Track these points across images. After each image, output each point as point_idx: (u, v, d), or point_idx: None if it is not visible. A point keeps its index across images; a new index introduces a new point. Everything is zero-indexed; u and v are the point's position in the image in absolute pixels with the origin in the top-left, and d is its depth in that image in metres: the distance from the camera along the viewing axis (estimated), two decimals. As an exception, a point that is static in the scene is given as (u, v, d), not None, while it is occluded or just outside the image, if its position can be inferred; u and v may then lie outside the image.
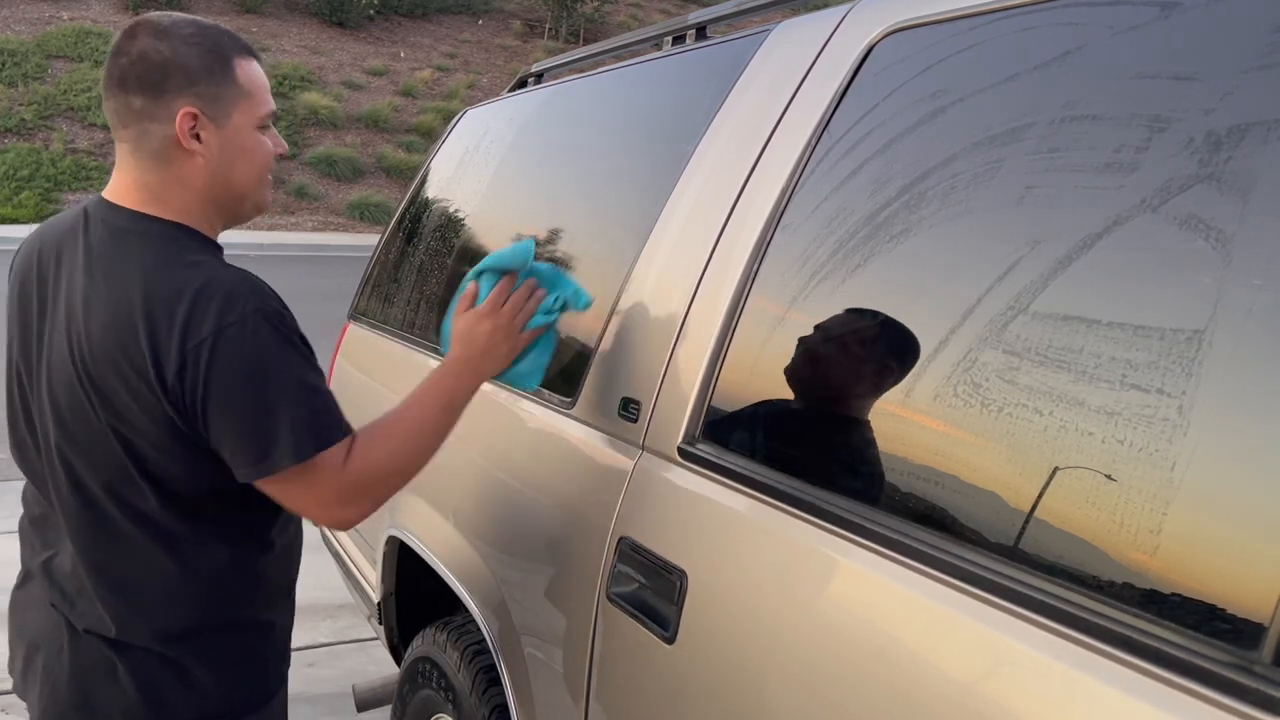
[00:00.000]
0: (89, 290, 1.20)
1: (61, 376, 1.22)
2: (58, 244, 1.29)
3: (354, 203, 14.57)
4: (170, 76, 1.21)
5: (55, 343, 1.23)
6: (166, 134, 1.22)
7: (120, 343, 1.16)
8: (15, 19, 15.99)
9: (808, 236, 1.19)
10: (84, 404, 1.20)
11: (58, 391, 1.22)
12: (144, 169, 1.24)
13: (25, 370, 1.30)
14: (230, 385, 1.15)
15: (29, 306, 1.30)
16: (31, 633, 1.34)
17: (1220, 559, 0.71)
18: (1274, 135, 0.76)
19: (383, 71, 17.62)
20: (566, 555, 1.46)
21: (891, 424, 1.00)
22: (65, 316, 1.22)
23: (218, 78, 1.24)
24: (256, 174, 1.31)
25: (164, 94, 1.21)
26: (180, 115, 1.21)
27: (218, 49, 1.25)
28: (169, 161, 1.24)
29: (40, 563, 1.33)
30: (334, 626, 3.47)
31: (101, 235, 1.24)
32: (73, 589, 1.28)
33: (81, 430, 1.22)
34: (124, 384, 1.16)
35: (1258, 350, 0.73)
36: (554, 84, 2.22)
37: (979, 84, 1.07)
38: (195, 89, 1.22)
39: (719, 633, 1.12)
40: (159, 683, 1.27)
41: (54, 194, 13.20)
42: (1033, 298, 0.89)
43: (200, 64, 1.23)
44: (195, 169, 1.25)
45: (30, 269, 1.32)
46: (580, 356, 1.55)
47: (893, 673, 0.91)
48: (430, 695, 1.96)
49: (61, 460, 1.24)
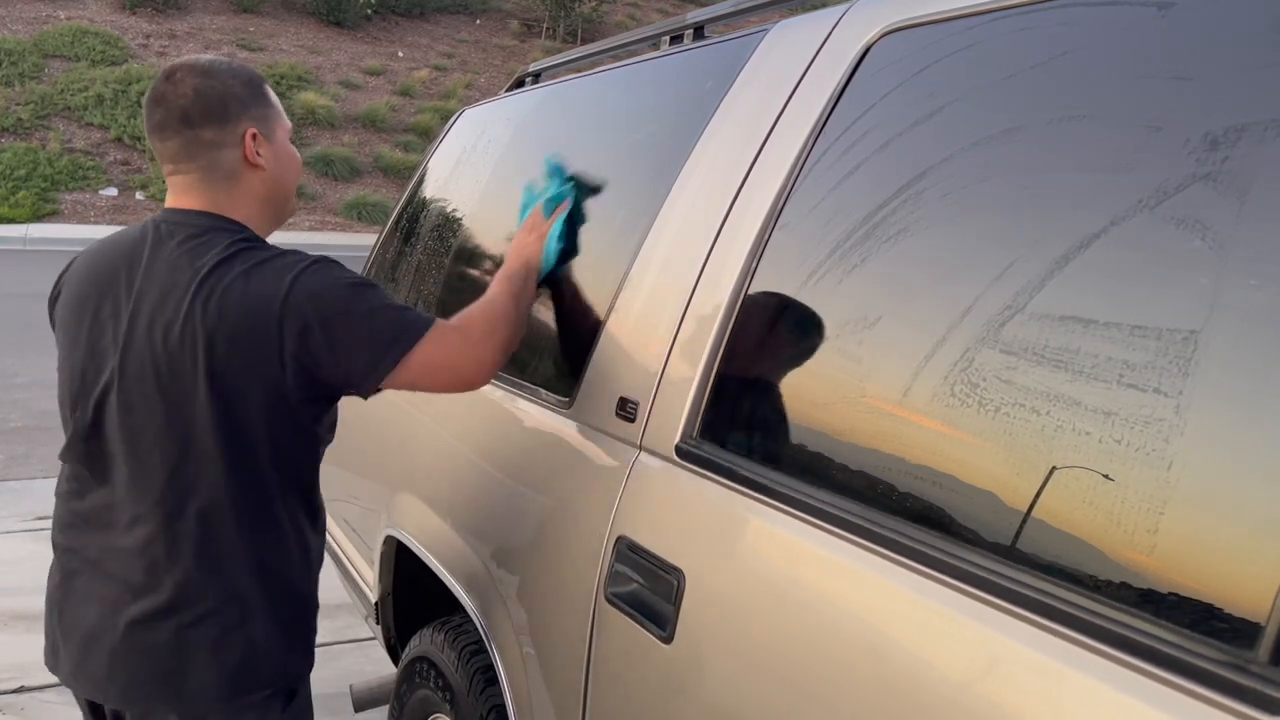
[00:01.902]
0: (187, 288, 1.31)
1: (151, 369, 1.32)
2: (131, 253, 1.40)
3: (351, 202, 14.55)
4: (229, 106, 1.40)
5: (139, 338, 1.33)
6: (236, 155, 1.41)
7: (242, 329, 1.29)
8: (12, 18, 15.96)
9: (805, 236, 1.20)
10: (173, 393, 1.32)
11: (146, 381, 1.33)
12: (215, 190, 1.41)
13: (94, 369, 1.38)
14: (337, 300, 1.32)
15: (99, 312, 1.39)
16: (87, 625, 1.40)
17: (1217, 558, 0.72)
18: (1271, 135, 0.76)
19: (380, 71, 17.62)
20: (564, 555, 1.46)
21: (889, 423, 1.01)
22: (145, 312, 1.33)
23: (261, 101, 1.45)
24: (296, 176, 1.53)
25: (229, 122, 1.40)
26: (246, 136, 1.41)
27: (252, 79, 1.46)
28: (239, 179, 1.42)
29: (93, 555, 1.40)
30: (331, 626, 3.47)
31: (184, 239, 1.37)
32: (141, 571, 1.36)
33: (166, 419, 1.32)
34: (241, 356, 1.30)
35: (1254, 350, 0.73)
36: (552, 84, 2.22)
37: (976, 84, 1.07)
38: (250, 113, 1.43)
39: (717, 632, 1.12)
40: (241, 646, 1.38)
41: (51, 194, 13.18)
42: (1030, 297, 0.89)
43: (246, 92, 1.43)
44: (261, 180, 1.44)
45: (90, 283, 1.42)
46: (578, 356, 1.55)
47: (890, 672, 0.91)
48: (428, 695, 1.96)
49: (143, 452, 1.34)
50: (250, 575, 1.38)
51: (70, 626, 1.42)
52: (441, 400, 2.03)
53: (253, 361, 1.30)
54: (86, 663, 1.40)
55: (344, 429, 2.59)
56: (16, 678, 2.99)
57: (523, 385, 1.70)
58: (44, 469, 4.77)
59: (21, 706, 2.84)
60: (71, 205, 13.16)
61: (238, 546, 1.37)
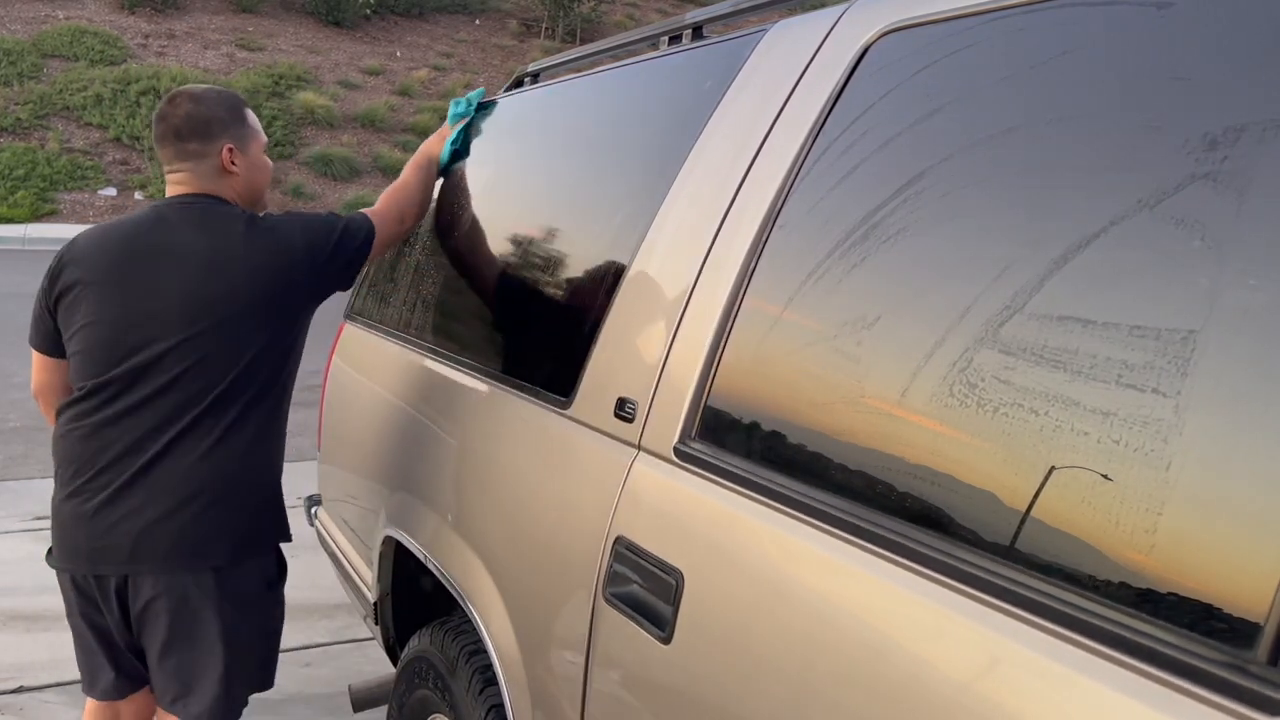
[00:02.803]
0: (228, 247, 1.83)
1: (201, 311, 1.78)
2: (148, 231, 1.86)
3: (350, 202, 14.54)
4: (213, 126, 1.90)
5: (194, 289, 1.78)
6: (216, 164, 1.92)
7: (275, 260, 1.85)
8: (11, 18, 15.95)
9: (804, 236, 1.20)
10: (225, 322, 1.79)
11: (192, 324, 1.78)
12: (204, 182, 1.91)
13: (142, 321, 1.79)
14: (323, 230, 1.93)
15: (132, 273, 1.81)
16: (146, 518, 1.79)
17: (1215, 559, 0.71)
18: (1270, 136, 0.77)
19: (379, 71, 17.60)
20: (563, 555, 1.46)
21: (888, 424, 1.00)
22: (192, 269, 1.79)
23: (239, 123, 1.96)
24: (267, 181, 2.06)
25: (211, 139, 1.90)
26: (223, 151, 1.91)
27: (235, 105, 1.97)
28: (218, 179, 1.93)
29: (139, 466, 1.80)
30: (330, 626, 3.47)
31: (201, 216, 1.87)
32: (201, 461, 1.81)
33: (214, 345, 1.79)
34: (275, 282, 1.84)
35: (1253, 350, 0.73)
36: (550, 84, 2.22)
37: (975, 84, 1.07)
38: (229, 133, 1.93)
39: (716, 633, 1.12)
40: (255, 517, 1.91)
41: (49, 194, 13.17)
42: (1028, 297, 0.89)
43: (229, 116, 1.94)
44: (235, 182, 1.95)
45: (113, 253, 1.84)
46: (576, 356, 1.55)
47: (889, 672, 0.91)
48: (426, 695, 1.96)
49: (191, 374, 1.78)
50: (265, 462, 1.91)
51: (123, 523, 1.79)
52: (441, 400, 2.03)
53: (289, 282, 1.85)
54: (143, 546, 1.79)
55: (343, 429, 2.59)
56: (16, 678, 2.99)
57: (521, 385, 1.70)
58: (42, 469, 4.76)
59: (21, 706, 2.84)
60: (70, 205, 13.14)
61: (259, 443, 1.88)
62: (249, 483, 1.88)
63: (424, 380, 2.12)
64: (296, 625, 3.45)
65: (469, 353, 1.96)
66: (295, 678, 3.06)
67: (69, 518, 1.83)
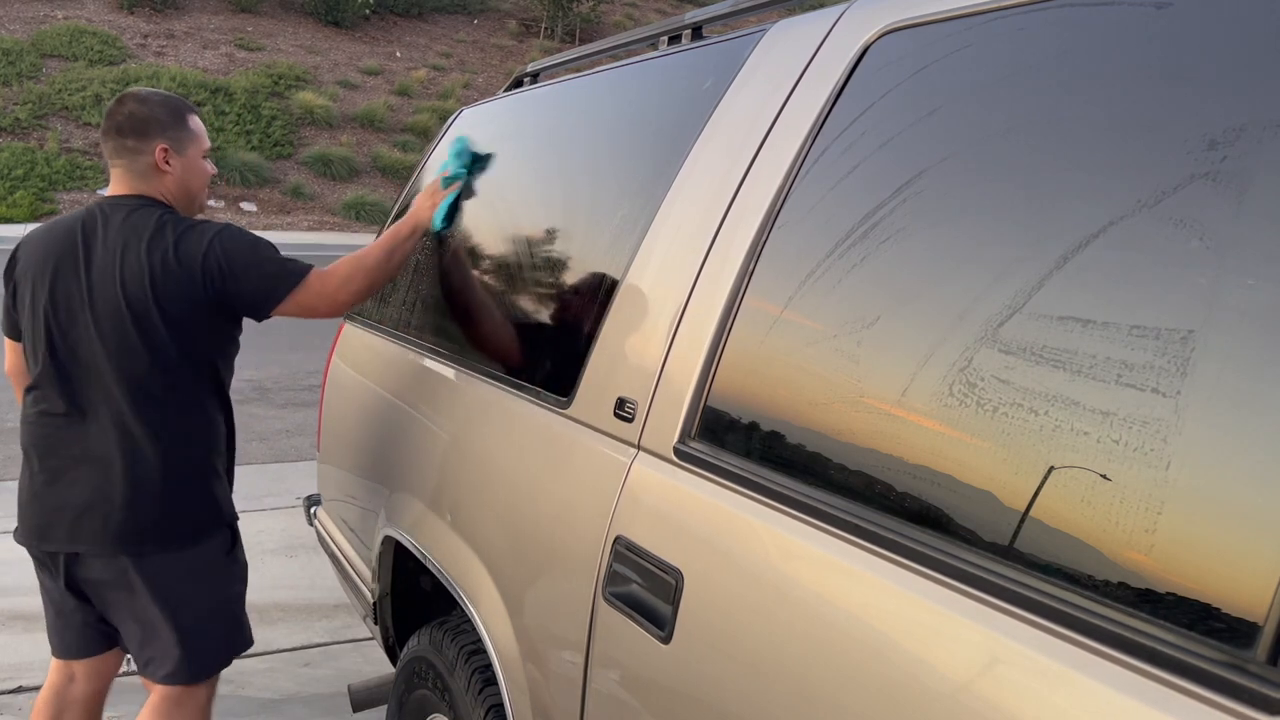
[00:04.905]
0: (138, 247, 1.91)
1: (117, 302, 1.89)
2: (80, 228, 1.96)
3: (349, 202, 14.55)
4: (150, 126, 2.01)
5: (106, 282, 1.90)
6: (149, 161, 2.01)
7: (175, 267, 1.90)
8: (10, 18, 15.95)
9: (804, 236, 1.20)
10: (134, 319, 1.89)
11: (106, 318, 1.90)
12: (137, 181, 2.02)
13: (64, 307, 1.93)
14: (240, 254, 1.94)
15: (61, 268, 1.94)
16: (79, 501, 1.94)
17: (1215, 558, 0.72)
18: (1270, 136, 0.77)
19: (378, 71, 17.61)
20: (562, 555, 1.46)
21: (887, 424, 1.01)
22: (106, 266, 1.91)
23: (179, 126, 2.05)
24: (202, 184, 2.12)
25: (147, 138, 2.00)
26: (158, 150, 2.01)
27: (178, 109, 2.07)
28: (151, 177, 2.02)
29: (76, 451, 1.94)
30: (329, 626, 3.47)
31: (125, 216, 1.95)
32: (117, 450, 1.92)
33: (127, 339, 1.89)
34: (177, 290, 1.89)
35: (1252, 350, 0.73)
36: (550, 83, 2.22)
37: (975, 84, 1.07)
38: (166, 134, 2.02)
39: (715, 632, 1.12)
40: (207, 491, 2.03)
41: (49, 193, 13.17)
42: (1028, 297, 0.89)
43: (169, 119, 2.03)
44: (168, 181, 2.04)
45: (51, 247, 1.97)
46: (576, 356, 1.55)
47: (888, 671, 0.91)
48: (426, 695, 1.96)
49: (109, 365, 1.90)
50: (193, 453, 2.00)
51: (59, 507, 1.95)
52: (441, 400, 2.03)
53: (188, 292, 1.91)
54: (84, 520, 1.93)
55: (342, 429, 2.59)
56: (15, 678, 2.99)
57: (521, 385, 1.70)
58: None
59: (20, 707, 2.84)
60: (69, 205, 13.14)
61: (184, 433, 1.98)
62: (176, 475, 1.97)
63: (424, 380, 2.12)
64: (296, 625, 3.45)
65: (468, 353, 1.96)
66: (294, 678, 3.05)
67: (25, 495, 2.02)
